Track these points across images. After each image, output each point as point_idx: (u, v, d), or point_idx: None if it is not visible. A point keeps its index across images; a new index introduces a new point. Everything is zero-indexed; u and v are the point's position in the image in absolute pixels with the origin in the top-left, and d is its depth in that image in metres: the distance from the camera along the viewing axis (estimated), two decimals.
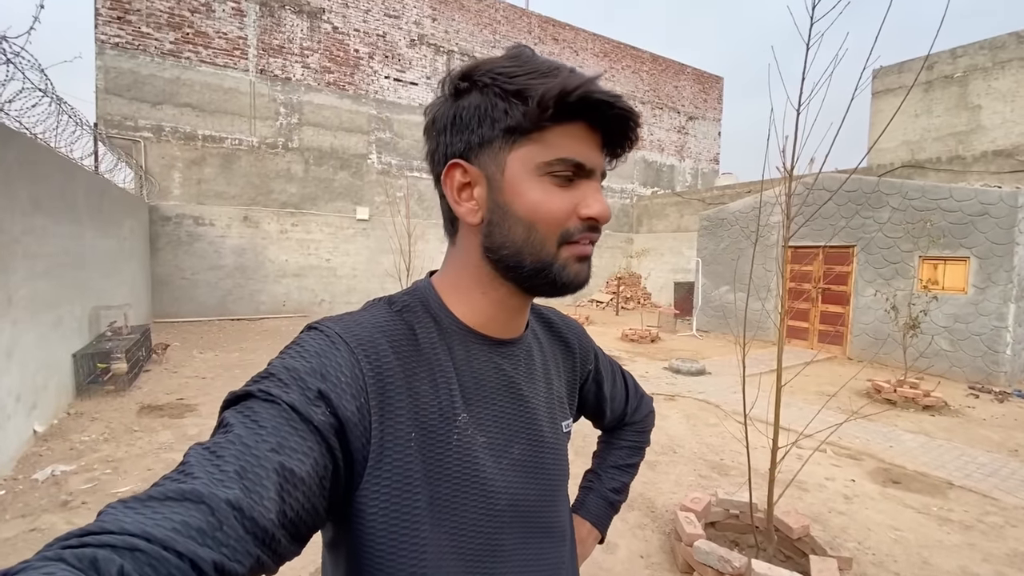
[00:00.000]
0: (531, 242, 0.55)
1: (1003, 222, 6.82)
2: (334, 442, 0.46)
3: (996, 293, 6.87)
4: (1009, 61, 10.65)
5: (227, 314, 10.76)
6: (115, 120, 9.70)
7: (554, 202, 0.53)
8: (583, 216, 0.54)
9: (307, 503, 0.43)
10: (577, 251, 0.55)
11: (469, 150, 0.56)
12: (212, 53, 10.60)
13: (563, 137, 0.53)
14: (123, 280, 7.21)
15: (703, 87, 19.51)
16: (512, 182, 0.54)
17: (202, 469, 0.39)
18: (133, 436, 4.12)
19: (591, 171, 0.55)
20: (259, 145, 11.16)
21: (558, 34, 15.83)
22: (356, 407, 0.49)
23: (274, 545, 0.40)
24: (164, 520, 0.34)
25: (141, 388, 5.41)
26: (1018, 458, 4.30)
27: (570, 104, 0.51)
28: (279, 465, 0.41)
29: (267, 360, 6.90)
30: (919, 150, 11.86)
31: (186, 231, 10.37)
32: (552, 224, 0.54)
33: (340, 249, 12.16)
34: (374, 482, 0.49)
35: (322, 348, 0.51)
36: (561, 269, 0.55)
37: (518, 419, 0.61)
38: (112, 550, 0.31)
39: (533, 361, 0.66)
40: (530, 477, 0.61)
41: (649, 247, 16.32)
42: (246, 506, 0.38)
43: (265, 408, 0.45)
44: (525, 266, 0.56)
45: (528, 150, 0.53)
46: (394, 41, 12.79)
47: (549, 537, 0.62)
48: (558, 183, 0.53)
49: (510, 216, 0.54)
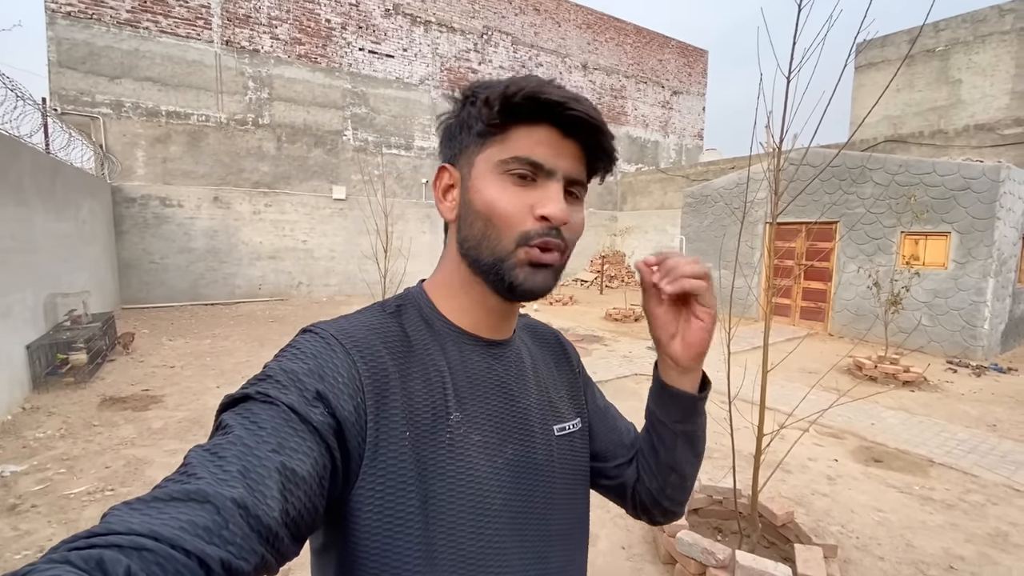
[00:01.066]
0: (488, 237, 0.56)
1: (984, 196, 6.82)
2: (332, 442, 0.47)
3: (976, 268, 6.91)
4: (990, 35, 10.59)
5: (200, 299, 10.41)
6: (70, 95, 9.14)
7: (509, 199, 0.55)
8: (537, 215, 0.55)
9: (308, 502, 0.43)
10: (532, 255, 0.55)
11: (455, 156, 0.60)
12: (173, 23, 9.99)
13: (524, 138, 0.55)
14: (83, 265, 6.85)
15: (687, 61, 19.20)
16: (475, 180, 0.57)
17: (205, 470, 0.40)
18: (92, 431, 3.90)
19: (551, 172, 0.55)
20: (228, 121, 10.66)
21: (539, 3, 15.32)
22: (353, 407, 0.50)
23: (277, 544, 0.40)
24: (171, 519, 0.35)
25: (103, 379, 5.16)
26: (996, 433, 4.33)
27: (518, 104, 0.53)
28: (281, 465, 0.42)
29: (241, 347, 6.68)
30: (901, 124, 11.83)
31: (152, 213, 9.93)
32: (506, 220, 0.55)
33: (317, 230, 11.80)
34: (369, 481, 0.50)
35: (318, 350, 0.52)
36: (511, 268, 0.56)
37: (511, 420, 0.61)
38: (119, 550, 0.31)
39: (523, 364, 0.66)
40: (525, 478, 0.60)
41: (633, 225, 16.21)
42: (251, 504, 0.38)
43: (264, 410, 0.45)
44: (483, 260, 0.57)
45: (492, 150, 0.56)
46: (368, 11, 12.22)
47: (547, 540, 0.61)
48: (516, 182, 0.55)
49: (471, 211, 0.58)
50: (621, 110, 17.47)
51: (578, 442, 0.69)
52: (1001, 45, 10.46)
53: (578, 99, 0.54)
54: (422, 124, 13.15)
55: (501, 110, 0.54)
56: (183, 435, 3.88)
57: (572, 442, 0.68)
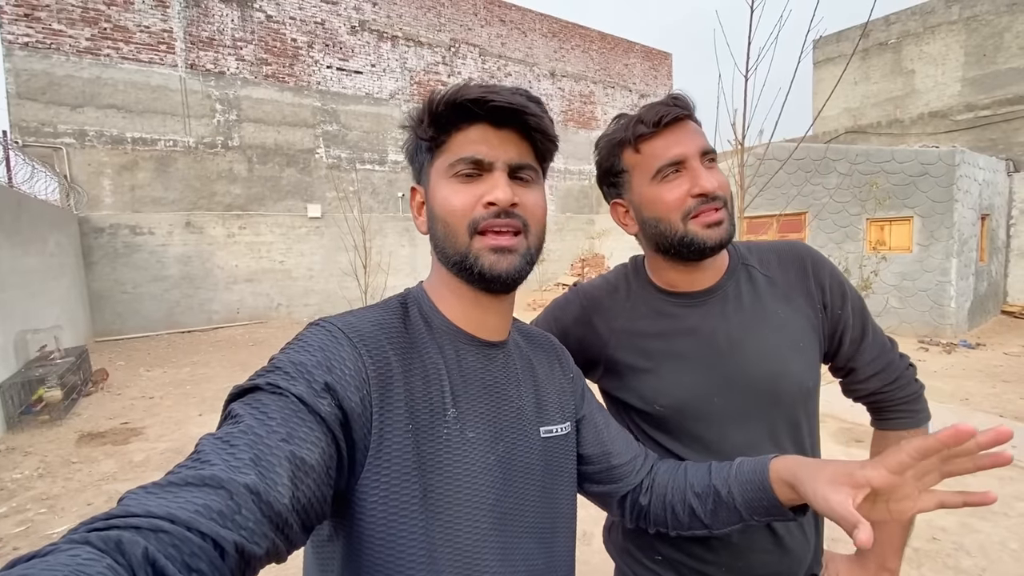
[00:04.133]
0: (447, 236, 0.60)
1: (942, 181, 7.10)
2: (339, 433, 0.48)
3: (939, 249, 7.17)
4: (939, 25, 11.07)
5: (176, 327, 10.18)
6: (31, 127, 8.92)
7: (458, 196, 0.59)
8: (485, 203, 0.58)
9: (317, 491, 0.45)
10: (489, 242, 0.59)
11: (419, 174, 0.66)
12: (135, 49, 9.84)
13: (462, 141, 0.59)
14: (53, 300, 6.67)
15: (652, 64, 19.59)
16: (432, 189, 0.62)
17: (218, 456, 0.40)
18: (71, 469, 3.79)
19: (491, 164, 0.59)
20: (196, 145, 10.51)
21: (504, 15, 15.51)
22: (359, 398, 0.51)
23: (287, 531, 0.41)
24: (186, 503, 0.35)
25: (80, 415, 5.02)
26: (969, 406, 4.49)
27: (443, 113, 0.58)
28: (290, 454, 0.43)
29: (221, 373, 6.56)
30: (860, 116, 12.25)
31: (123, 242, 9.70)
32: (457, 215, 0.59)
33: (294, 250, 11.67)
34: (374, 472, 0.51)
35: (325, 342, 0.53)
36: (475, 259, 0.59)
37: (504, 419, 0.63)
38: (137, 531, 0.32)
39: (516, 366, 0.68)
40: (515, 476, 0.62)
41: (610, 227, 16.37)
42: (263, 491, 0.39)
43: (273, 400, 0.46)
44: (450, 259, 0.61)
45: (439, 160, 0.61)
46: (334, 29, 12.22)
47: (534, 537, 0.63)
48: (463, 180, 0.60)
49: (432, 217, 0.62)
50: (591, 115, 17.72)
51: (564, 445, 0.70)
52: (950, 35, 10.94)
53: (497, 90, 0.57)
54: (395, 138, 13.15)
55: (432, 123, 0.59)
56: (167, 466, 3.79)
57: (558, 444, 0.69)
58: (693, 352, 0.87)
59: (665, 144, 0.81)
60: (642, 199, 0.85)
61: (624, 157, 0.85)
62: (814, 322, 0.89)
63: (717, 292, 0.90)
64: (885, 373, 0.93)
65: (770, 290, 0.90)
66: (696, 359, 0.87)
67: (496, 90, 0.57)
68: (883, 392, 0.94)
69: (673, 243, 0.83)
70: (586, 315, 0.95)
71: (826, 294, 0.90)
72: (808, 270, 0.92)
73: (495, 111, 0.58)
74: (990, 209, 8.43)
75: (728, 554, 0.84)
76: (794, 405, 0.87)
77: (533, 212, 0.61)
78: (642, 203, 0.85)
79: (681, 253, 0.84)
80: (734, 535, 0.83)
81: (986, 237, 8.40)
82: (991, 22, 10.33)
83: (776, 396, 0.85)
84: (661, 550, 0.89)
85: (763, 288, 0.90)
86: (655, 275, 0.94)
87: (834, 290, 0.91)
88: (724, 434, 0.85)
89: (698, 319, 0.89)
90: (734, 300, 0.89)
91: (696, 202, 0.80)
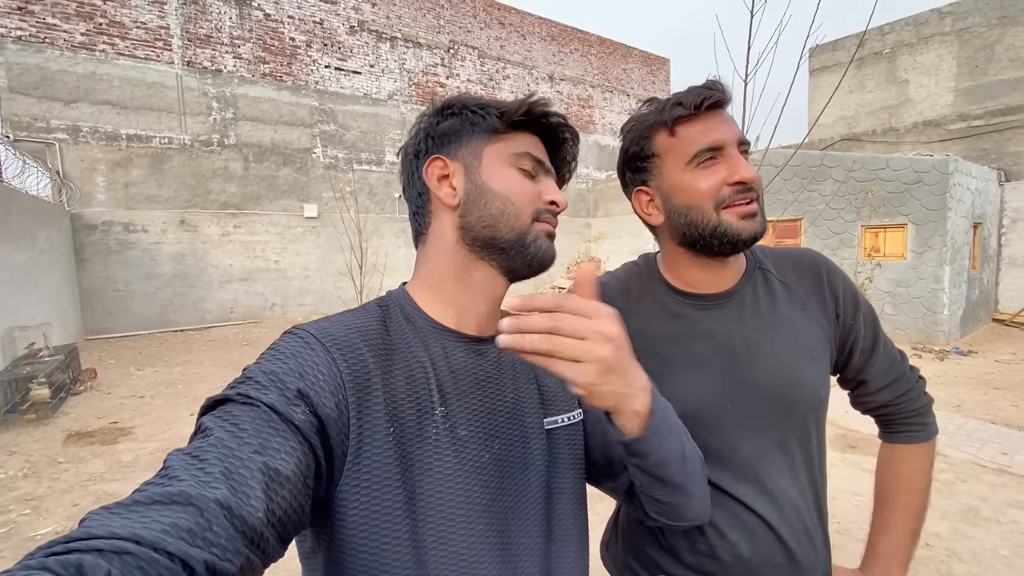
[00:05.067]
0: (508, 214, 0.61)
1: (936, 189, 7.15)
2: (315, 440, 0.47)
3: (932, 257, 7.22)
4: (932, 36, 11.18)
5: (169, 325, 10.09)
6: (23, 122, 8.83)
7: (525, 184, 0.63)
8: (546, 200, 0.64)
9: (293, 502, 0.43)
10: (546, 228, 0.64)
11: (447, 150, 0.64)
12: (131, 45, 9.78)
13: (526, 142, 0.64)
14: (42, 297, 6.59)
15: (650, 69, 19.68)
16: (490, 167, 0.63)
17: (187, 472, 0.39)
18: (57, 469, 3.73)
19: (549, 169, 0.66)
20: (192, 143, 10.44)
21: (504, 18, 15.54)
22: (335, 404, 0.50)
23: (263, 544, 0.40)
24: (152, 522, 0.34)
25: (68, 414, 4.94)
26: (962, 413, 4.51)
27: (529, 113, 0.63)
28: (263, 465, 0.41)
29: (214, 372, 6.50)
30: (855, 124, 12.35)
31: (115, 239, 9.61)
32: (525, 198, 0.62)
33: (289, 249, 11.60)
34: (353, 478, 0.50)
35: (297, 349, 0.52)
36: (534, 240, 0.62)
37: (499, 415, 0.61)
38: (99, 554, 0.31)
39: (513, 358, 0.66)
40: (514, 474, 0.60)
41: (607, 230, 16.43)
42: (234, 505, 0.38)
43: (244, 411, 0.45)
44: (501, 238, 0.61)
45: (501, 145, 0.63)
46: (332, 28, 12.20)
47: (541, 536, 0.61)
48: (525, 175, 0.64)
49: (487, 192, 0.62)
50: (589, 119, 17.76)
51: (572, 435, 0.67)
52: (943, 46, 11.04)
53: (569, 126, 0.68)
54: (392, 139, 13.12)
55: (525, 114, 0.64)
56: (156, 466, 3.74)
57: (564, 435, 0.67)
58: (708, 357, 0.84)
59: (704, 128, 0.78)
60: (673, 185, 0.81)
61: (656, 140, 0.82)
62: (827, 331, 0.87)
63: (735, 295, 0.87)
64: (896, 386, 0.91)
65: (786, 296, 0.88)
66: (711, 364, 0.84)
67: (569, 126, 0.68)
68: (893, 404, 0.92)
69: (704, 234, 0.79)
70: None
71: (839, 303, 0.88)
72: (823, 278, 0.89)
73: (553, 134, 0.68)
74: (982, 218, 8.51)
75: (739, 569, 0.81)
76: (806, 415, 0.84)
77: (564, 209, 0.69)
78: (673, 189, 0.81)
79: (711, 246, 0.80)
80: (745, 550, 0.80)
81: (978, 245, 8.47)
82: (983, 34, 10.44)
83: (789, 405, 0.82)
84: (666, 567, 0.86)
85: (779, 294, 0.88)
86: (671, 274, 0.90)
87: (847, 300, 0.88)
88: (735, 443, 0.82)
89: (714, 323, 0.86)
90: (751, 304, 0.86)
91: (732, 191, 0.77)
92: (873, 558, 0.94)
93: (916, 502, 0.92)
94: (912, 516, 0.92)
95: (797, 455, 0.84)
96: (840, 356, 0.90)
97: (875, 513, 0.97)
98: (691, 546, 0.83)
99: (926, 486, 0.93)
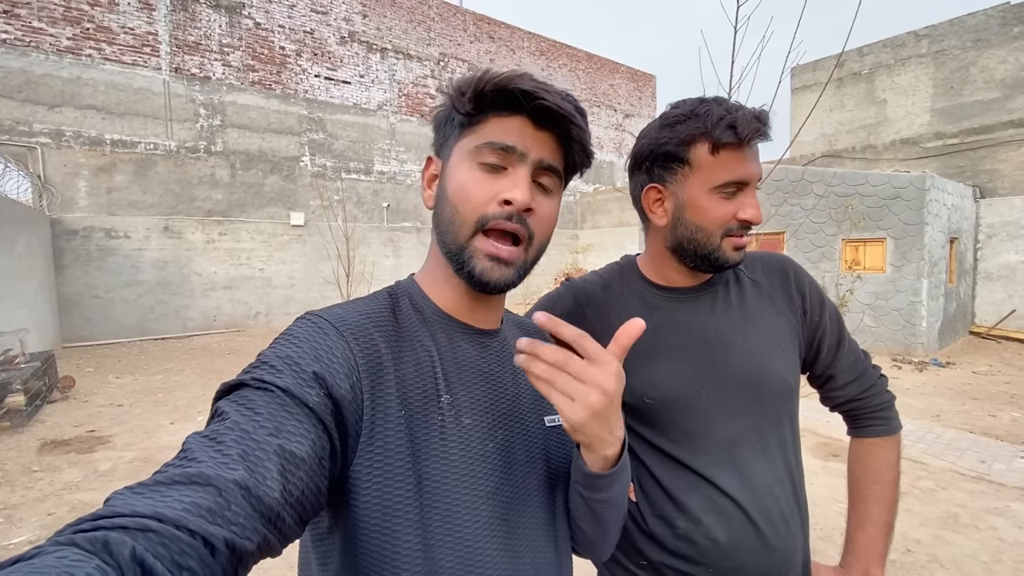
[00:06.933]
0: (452, 223, 0.58)
1: (913, 204, 7.35)
2: (330, 422, 0.48)
3: (911, 270, 7.40)
4: (909, 58, 11.56)
5: (149, 333, 9.90)
6: (5, 125, 8.68)
7: (476, 185, 0.56)
8: (500, 199, 0.56)
9: (310, 482, 0.44)
10: (489, 248, 0.57)
11: (441, 146, 0.63)
12: (118, 50, 9.71)
13: (498, 127, 0.56)
14: (19, 302, 6.44)
15: (637, 85, 20.04)
16: (450, 167, 0.59)
17: (205, 454, 0.40)
18: (32, 478, 3.62)
19: (522, 154, 0.56)
20: (178, 149, 10.35)
21: (494, 32, 15.74)
22: (349, 385, 0.50)
23: (280, 524, 0.41)
24: (174, 501, 0.35)
25: (43, 422, 4.81)
26: (940, 423, 4.60)
27: (490, 94, 0.55)
28: (279, 447, 0.42)
29: (195, 381, 6.37)
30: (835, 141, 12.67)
31: (96, 245, 9.44)
32: (470, 205, 0.56)
33: (275, 257, 11.49)
34: (366, 457, 0.51)
35: (311, 334, 0.52)
36: (470, 258, 0.57)
37: (500, 407, 0.62)
38: (124, 531, 0.32)
39: (511, 355, 0.66)
40: (516, 464, 0.60)
41: (594, 242, 16.56)
42: (252, 486, 0.39)
43: (259, 395, 0.46)
44: (448, 246, 0.59)
45: (467, 139, 0.58)
46: (323, 38, 12.24)
47: (538, 528, 0.61)
48: (486, 170, 0.57)
49: (443, 197, 0.59)
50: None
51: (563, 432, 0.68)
52: (919, 67, 11.42)
53: (548, 89, 0.56)
54: (381, 149, 13.14)
55: (474, 99, 0.56)
56: (135, 476, 3.65)
57: (563, 433, 0.67)
58: (684, 345, 0.89)
59: (741, 160, 0.82)
60: (692, 201, 0.85)
61: (694, 151, 0.83)
62: (795, 326, 0.94)
63: (708, 290, 0.94)
64: (861, 380, 0.97)
65: (755, 292, 0.95)
66: (687, 352, 0.89)
67: (548, 89, 0.55)
68: (860, 399, 0.98)
69: (701, 254, 0.86)
70: (579, 308, 0.96)
71: (806, 301, 0.95)
72: (790, 278, 0.97)
73: (541, 110, 0.55)
74: (958, 233, 8.75)
75: (716, 555, 0.84)
76: (777, 401, 0.89)
77: (542, 224, 0.59)
78: (689, 205, 0.85)
79: (700, 264, 0.88)
80: (720, 535, 0.83)
81: (955, 259, 8.70)
82: (958, 56, 10.82)
83: (760, 391, 0.87)
84: (648, 554, 0.89)
85: (749, 290, 0.95)
86: (651, 269, 0.96)
87: (813, 298, 0.96)
88: (710, 428, 0.86)
89: (688, 314, 0.92)
90: (723, 298, 0.93)
91: (737, 225, 0.85)
92: (852, 553, 0.98)
93: (887, 493, 0.97)
94: (884, 507, 0.96)
95: (772, 441, 0.88)
96: (809, 352, 0.96)
97: (850, 509, 1.01)
98: (672, 532, 0.86)
99: (895, 478, 0.98)
